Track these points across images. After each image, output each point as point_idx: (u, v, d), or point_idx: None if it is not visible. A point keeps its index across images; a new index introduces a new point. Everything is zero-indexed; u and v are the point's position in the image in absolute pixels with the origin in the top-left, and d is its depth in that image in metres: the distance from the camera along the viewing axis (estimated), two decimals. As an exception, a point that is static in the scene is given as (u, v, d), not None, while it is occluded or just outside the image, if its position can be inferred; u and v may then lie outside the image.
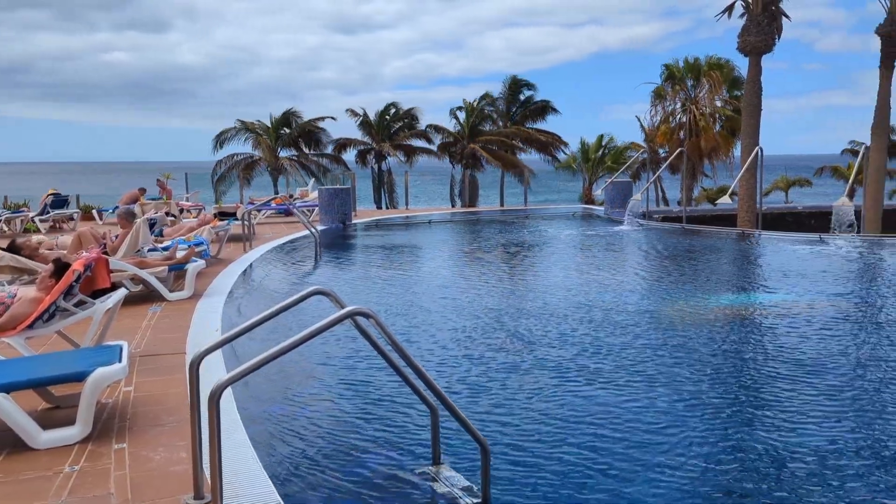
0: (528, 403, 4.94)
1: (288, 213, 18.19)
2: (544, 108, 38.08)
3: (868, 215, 21.04)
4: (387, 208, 34.02)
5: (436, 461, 3.77)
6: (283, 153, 35.92)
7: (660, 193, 36.20)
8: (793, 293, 9.00)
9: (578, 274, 11.04)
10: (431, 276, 10.98)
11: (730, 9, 22.36)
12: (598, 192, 28.06)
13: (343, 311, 3.21)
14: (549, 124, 38.30)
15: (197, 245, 9.82)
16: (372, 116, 36.49)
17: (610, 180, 21.31)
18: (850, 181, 15.85)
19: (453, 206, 34.79)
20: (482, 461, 3.41)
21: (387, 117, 36.35)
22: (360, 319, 3.45)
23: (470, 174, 35.23)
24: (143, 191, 18.51)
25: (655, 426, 4.48)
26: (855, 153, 46.30)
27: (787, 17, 21.95)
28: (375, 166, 36.41)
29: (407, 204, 27.67)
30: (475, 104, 37.10)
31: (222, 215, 15.23)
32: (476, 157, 34.80)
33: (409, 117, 36.89)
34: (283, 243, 13.57)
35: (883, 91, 22.23)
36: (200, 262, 8.73)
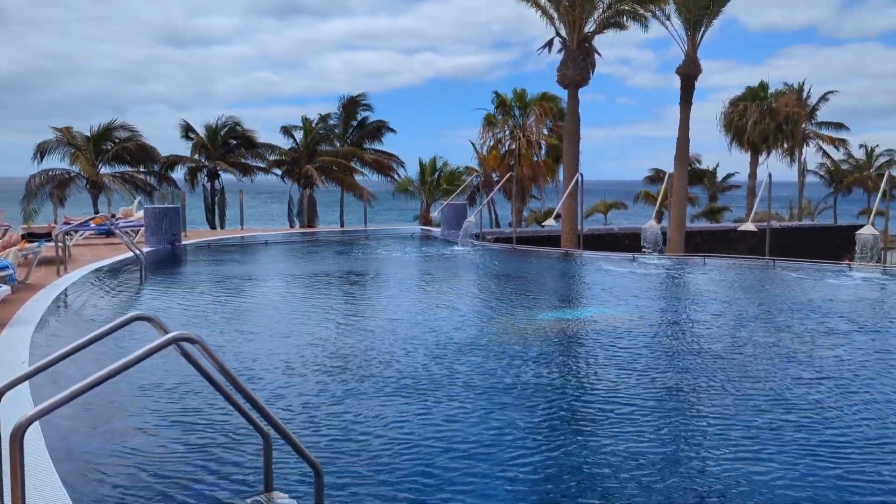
0: (361, 424, 4.98)
1: (109, 233, 16.94)
2: (380, 129, 38.55)
3: (672, 236, 23.39)
4: (221, 229, 32.67)
5: (268, 488, 3.70)
6: (105, 169, 33.31)
7: (493, 215, 37.83)
8: (610, 307, 9.80)
9: (413, 294, 11.26)
10: (265, 299, 10.71)
11: (549, 44, 24.01)
12: (435, 214, 28.78)
13: (167, 337, 3.10)
14: (388, 146, 38.83)
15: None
16: (204, 133, 34.93)
17: (446, 203, 21.97)
18: (657, 205, 17.53)
19: (292, 226, 34.12)
20: (316, 484, 3.42)
21: (220, 134, 34.96)
22: (186, 345, 3.34)
23: (309, 194, 34.78)
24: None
25: (488, 439, 4.69)
26: (655, 180, 51.29)
27: (599, 54, 23.95)
28: (208, 185, 34.85)
29: (242, 224, 26.77)
30: (313, 123, 36.77)
31: (32, 236, 13.89)
32: (313, 176, 34.41)
33: (245, 135, 35.74)
34: (104, 266, 12.63)
35: (683, 125, 24.89)
36: (4, 288, 7.93)
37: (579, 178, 19.07)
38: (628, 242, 21.29)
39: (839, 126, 46.65)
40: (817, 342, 7.41)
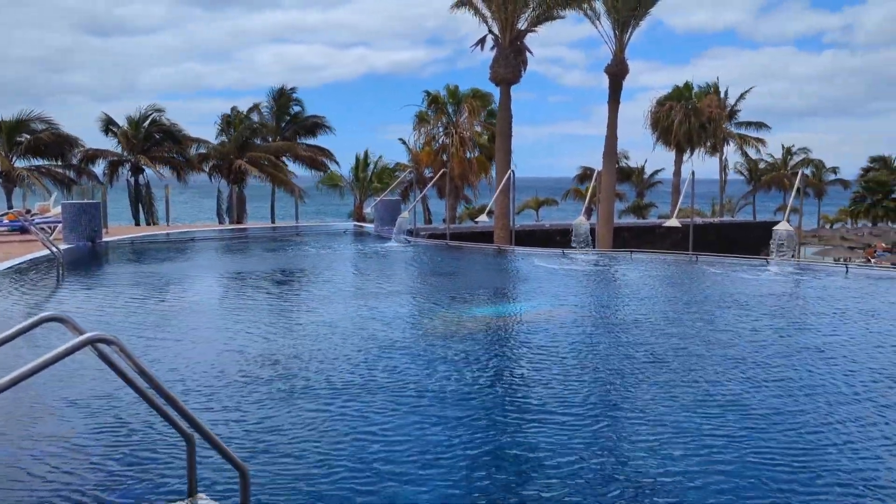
0: (290, 424, 4.90)
1: (24, 230, 16.14)
2: (315, 124, 38.05)
3: (601, 232, 23.95)
4: (146, 225, 31.58)
5: (191, 492, 3.61)
6: (20, 163, 31.62)
7: (427, 212, 37.89)
8: (540, 301, 9.97)
9: (344, 291, 11.16)
10: (191, 298, 10.42)
11: (482, 41, 24.21)
12: (369, 210, 28.60)
13: (81, 338, 2.97)
14: (322, 141, 38.36)
15: None
16: (127, 125, 33.59)
17: (379, 198, 21.87)
18: (587, 201, 17.92)
19: (221, 222, 33.30)
20: (241, 486, 3.36)
21: (143, 126, 33.69)
22: (103, 346, 3.21)
23: (238, 189, 34.01)
24: None
25: (420, 436, 4.69)
26: (585, 177, 52.52)
27: (530, 52, 24.29)
28: (131, 179, 33.60)
29: (168, 220, 25.97)
30: (243, 115, 35.93)
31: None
32: (244, 171, 33.65)
33: (170, 128, 34.57)
34: (17, 265, 12.02)
35: (611, 123, 25.51)
36: None
37: (511, 175, 19.29)
38: (559, 238, 21.69)
39: (760, 125, 48.73)
40: (734, 332, 7.72)
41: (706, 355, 6.72)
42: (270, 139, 36.88)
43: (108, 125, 33.29)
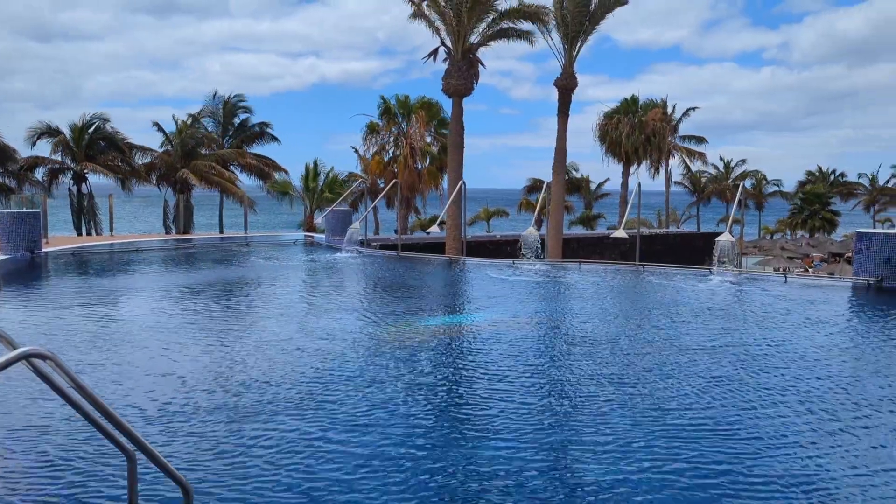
0: (236, 439, 4.82)
1: (-44, 241, 15.46)
2: (262, 133, 37.60)
3: (551, 243, 24.28)
4: (89, 235, 30.65)
5: (133, 511, 3.51)
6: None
7: (377, 222, 37.77)
8: (491, 312, 10.03)
9: (292, 303, 11.02)
10: (133, 312, 10.15)
11: (434, 53, 24.36)
12: (319, 221, 28.39)
13: (14, 353, 2.87)
14: (271, 151, 37.95)
15: None
16: (69, 132, 32.59)
17: (330, 208, 21.72)
18: (536, 213, 18.13)
19: (167, 232, 32.56)
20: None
21: (87, 134, 32.75)
22: (38, 362, 3.11)
23: (185, 199, 33.32)
24: None
25: (372, 449, 4.66)
26: (534, 188, 53.25)
27: (482, 64, 24.54)
28: (74, 188, 32.60)
29: (111, 230, 25.27)
30: (187, 122, 35.23)
31: None
32: (189, 181, 33.00)
33: (114, 135, 33.69)
34: (-52, 277, 11.52)
35: (561, 135, 25.94)
36: None
37: (463, 186, 19.41)
38: (509, 249, 21.88)
39: (700, 140, 50.23)
40: (678, 339, 7.91)
41: (646, 360, 6.87)
42: (216, 147, 36.29)
43: (41, 134, 32.03)
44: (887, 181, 66.10)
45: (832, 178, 70.20)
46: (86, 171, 31.99)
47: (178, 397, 5.72)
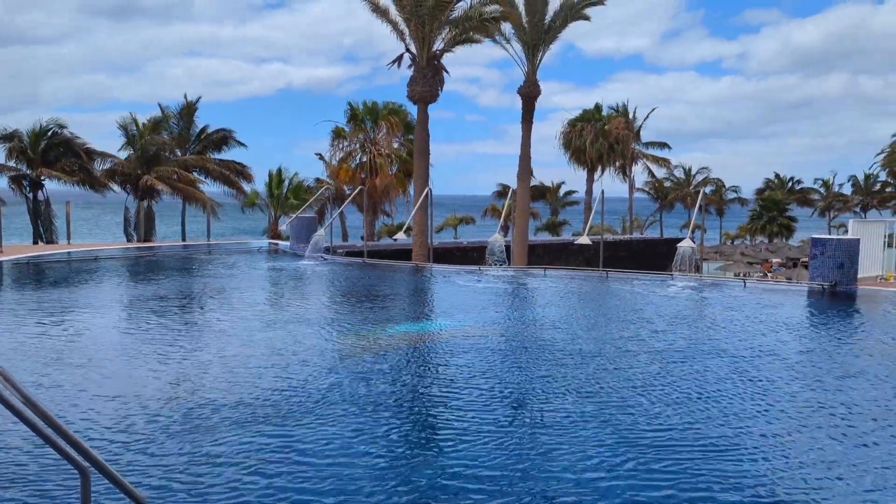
0: (194, 454, 4.75)
1: None
2: (226, 139, 37.15)
3: (516, 250, 24.42)
4: (47, 243, 29.91)
5: (86, 527, 3.43)
6: None
7: (344, 229, 37.58)
8: (455, 319, 10.05)
9: (254, 312, 10.88)
10: (93, 322, 9.93)
11: (399, 59, 24.35)
12: (284, 227, 28.16)
13: (-39, 370, 2.79)
14: (238, 156, 37.52)
15: None
16: (27, 138, 31.72)
17: (294, 215, 21.55)
18: (502, 219, 18.21)
19: (129, 240, 31.95)
20: (140, 519, 3.23)
21: (44, 139, 31.93)
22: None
23: (146, 205, 32.74)
24: None
25: (336, 458, 4.63)
26: (502, 195, 53.62)
27: (447, 71, 24.61)
28: (30, 195, 31.76)
29: (69, 238, 24.70)
30: (148, 124, 34.58)
31: None
32: (152, 187, 32.42)
33: (72, 141, 32.91)
34: None
35: (525, 143, 26.14)
36: None
37: (429, 193, 19.42)
38: (476, 255, 21.96)
39: (663, 145, 51.06)
40: (641, 344, 8.02)
41: (609, 363, 6.95)
42: (180, 153, 35.74)
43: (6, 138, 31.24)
44: (841, 186, 68.00)
45: (789, 184, 71.96)
46: (42, 177, 31.21)
47: (134, 412, 5.61)
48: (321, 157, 37.64)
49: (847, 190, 67.31)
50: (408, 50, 24.20)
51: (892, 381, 6.73)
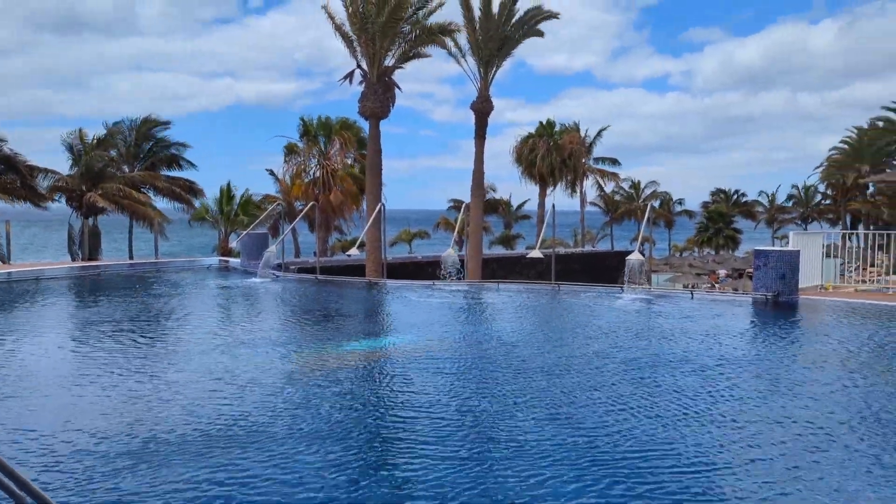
0: (137, 484, 4.62)
1: None
2: (176, 158, 36.49)
3: (471, 264, 24.55)
4: (-18, 263, 28.80)
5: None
6: None
7: (296, 245, 37.21)
8: (408, 334, 10.03)
9: (200, 333, 10.62)
10: (27, 349, 9.60)
11: (350, 75, 24.38)
12: (235, 244, 27.73)
13: None
14: (187, 173, 36.79)
15: None
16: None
17: (245, 232, 21.26)
18: (455, 234, 18.31)
19: (74, 259, 31.01)
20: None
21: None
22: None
23: (91, 223, 31.88)
24: None
25: (292, 479, 4.56)
26: (456, 209, 53.93)
27: (399, 88, 24.73)
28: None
29: (8, 258, 23.86)
30: (93, 142, 33.76)
31: None
32: (97, 205, 31.60)
33: (13, 157, 31.85)
34: None
35: (478, 158, 26.37)
36: None
37: (382, 208, 19.40)
38: (431, 270, 21.96)
39: (614, 161, 52.14)
40: (589, 355, 8.14)
41: (557, 375, 7.04)
42: (128, 169, 34.96)
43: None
44: (784, 200, 70.39)
45: (734, 197, 74.18)
46: (-20, 194, 30.12)
47: (73, 439, 5.44)
48: (272, 174, 37.29)
49: (788, 203, 69.75)
50: (359, 66, 24.24)
51: (829, 387, 6.98)
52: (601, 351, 8.68)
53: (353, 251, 18.71)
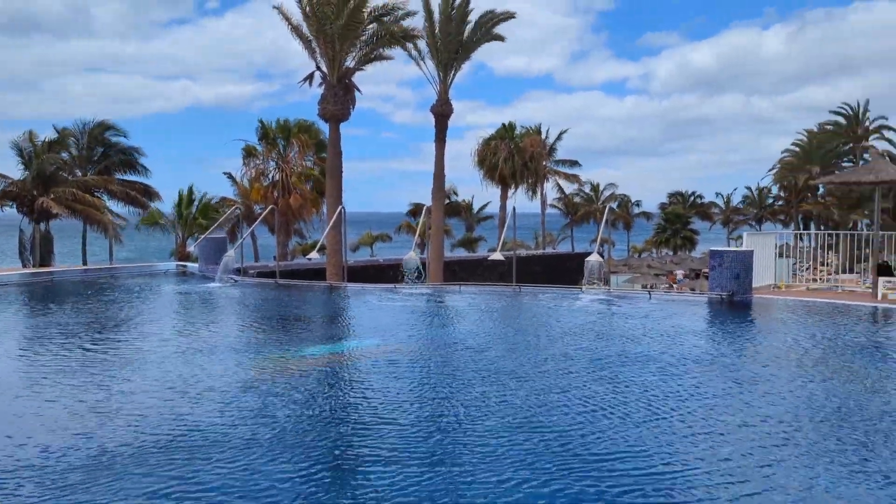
0: (93, 493, 4.49)
1: None
2: (131, 162, 35.69)
3: (432, 266, 24.52)
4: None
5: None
6: None
7: (255, 249, 36.73)
8: (368, 337, 9.96)
9: (155, 341, 10.38)
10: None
11: (310, 78, 24.17)
12: (192, 248, 27.24)
13: None
14: (144, 177, 36.00)
15: None
16: None
17: (203, 236, 20.90)
18: (416, 236, 18.28)
19: (25, 265, 30.10)
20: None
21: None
22: None
23: (43, 228, 30.99)
24: None
25: (251, 490, 4.48)
26: (416, 212, 53.90)
27: (359, 90, 24.60)
28: None
29: (-46, 265, 23.01)
30: (44, 145, 32.81)
31: None
32: (49, 210, 30.74)
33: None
34: None
35: (439, 161, 26.38)
36: None
37: (342, 211, 19.27)
38: (392, 273, 21.87)
39: (574, 163, 52.66)
40: (553, 355, 8.19)
41: (520, 377, 7.06)
42: (81, 173, 34.08)
43: None
44: (739, 202, 72.05)
45: (691, 199, 75.63)
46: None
47: (26, 454, 5.26)
48: (230, 177, 36.76)
49: (743, 204, 71.42)
50: (318, 68, 24.05)
51: (782, 383, 7.14)
52: (562, 352, 8.74)
53: (314, 255, 18.52)
